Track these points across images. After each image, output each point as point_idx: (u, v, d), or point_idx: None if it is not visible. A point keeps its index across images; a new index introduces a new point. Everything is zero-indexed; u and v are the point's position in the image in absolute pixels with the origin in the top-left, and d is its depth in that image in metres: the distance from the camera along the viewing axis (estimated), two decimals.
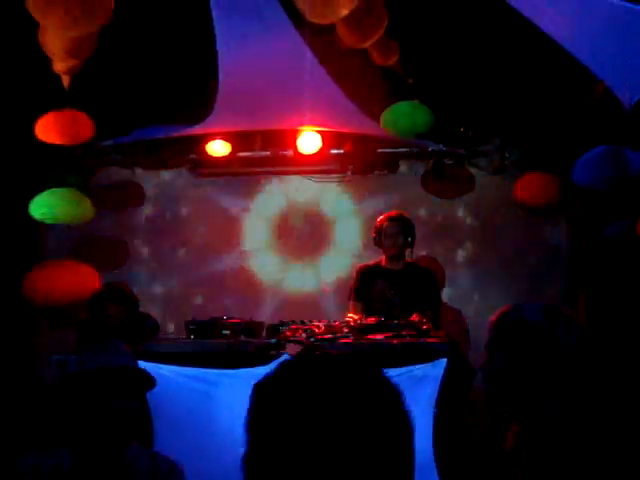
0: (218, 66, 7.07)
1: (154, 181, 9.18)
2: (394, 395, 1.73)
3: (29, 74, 6.50)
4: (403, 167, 8.93)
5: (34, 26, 5.22)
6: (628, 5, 4.64)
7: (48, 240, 8.94)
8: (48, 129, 6.68)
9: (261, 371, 1.76)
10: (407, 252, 7.47)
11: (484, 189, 8.75)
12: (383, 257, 7.49)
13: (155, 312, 7.89)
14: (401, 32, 6.09)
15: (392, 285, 7.33)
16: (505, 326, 3.05)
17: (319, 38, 6.44)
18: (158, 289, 9.17)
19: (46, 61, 5.85)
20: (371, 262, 7.59)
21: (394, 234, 7.39)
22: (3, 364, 8.03)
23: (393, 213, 7.48)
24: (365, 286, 7.43)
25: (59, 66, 5.86)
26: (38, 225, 8.04)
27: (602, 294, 8.00)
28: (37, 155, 7.83)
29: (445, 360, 5.60)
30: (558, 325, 3.00)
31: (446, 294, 8.55)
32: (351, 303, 7.42)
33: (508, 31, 5.86)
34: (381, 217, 7.47)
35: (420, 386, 5.52)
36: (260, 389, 1.74)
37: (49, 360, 6.58)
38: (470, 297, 8.88)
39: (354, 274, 7.60)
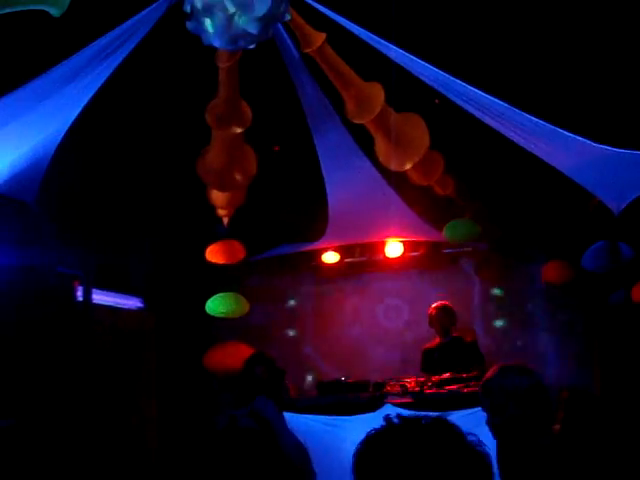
0: (328, 203, 7.21)
1: (288, 282, 9.23)
2: (480, 456, 1.60)
3: (200, 217, 6.69)
4: (461, 262, 8.81)
5: (203, 187, 5.42)
6: (609, 148, 4.63)
7: (217, 328, 9.02)
8: (215, 253, 6.84)
9: (371, 416, 1.74)
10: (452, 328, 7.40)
11: (516, 274, 8.57)
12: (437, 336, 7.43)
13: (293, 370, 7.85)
14: (456, 172, 6.13)
15: (441, 354, 7.23)
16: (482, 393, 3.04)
17: (396, 178, 6.51)
18: (297, 350, 9.09)
19: (212, 209, 6.05)
20: (433, 343, 7.45)
21: (441, 318, 7.35)
22: (190, 415, 8.10)
23: (440, 304, 7.43)
24: (428, 362, 7.31)
25: (220, 212, 6.04)
26: (210, 318, 8.17)
27: (611, 350, 7.77)
28: (206, 271, 7.98)
29: None
30: (508, 376, 2.91)
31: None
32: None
33: (527, 168, 5.84)
34: (431, 307, 7.44)
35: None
36: (364, 447, 1.63)
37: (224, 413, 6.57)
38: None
39: (422, 351, 7.48)
